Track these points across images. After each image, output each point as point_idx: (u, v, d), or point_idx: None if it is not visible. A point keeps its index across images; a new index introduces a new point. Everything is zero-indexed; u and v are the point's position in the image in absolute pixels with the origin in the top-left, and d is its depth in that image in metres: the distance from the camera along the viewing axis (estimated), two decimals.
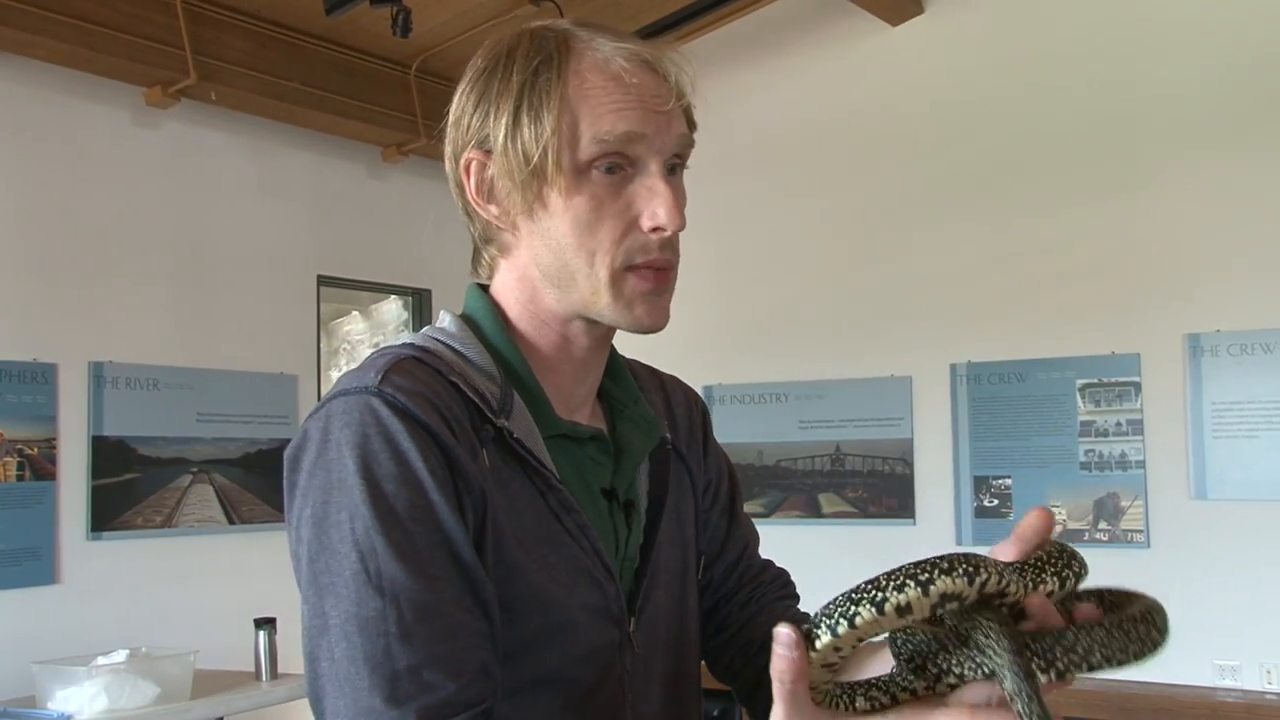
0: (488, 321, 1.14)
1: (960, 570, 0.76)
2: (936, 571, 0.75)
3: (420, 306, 5.84)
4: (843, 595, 0.79)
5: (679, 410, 1.32)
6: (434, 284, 5.75)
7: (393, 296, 6.00)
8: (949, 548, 4.95)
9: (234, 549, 4.78)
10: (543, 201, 1.08)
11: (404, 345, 1.09)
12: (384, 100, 5.25)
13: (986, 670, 0.78)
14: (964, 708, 0.80)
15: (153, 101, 4.59)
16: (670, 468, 1.24)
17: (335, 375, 6.07)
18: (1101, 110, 4.79)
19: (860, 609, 0.77)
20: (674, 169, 1.09)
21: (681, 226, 1.07)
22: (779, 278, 5.49)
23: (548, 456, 1.08)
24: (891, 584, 0.76)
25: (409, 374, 1.01)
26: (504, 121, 1.08)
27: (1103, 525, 4.71)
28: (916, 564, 0.76)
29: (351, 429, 0.97)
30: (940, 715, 0.80)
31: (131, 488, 4.52)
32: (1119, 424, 4.71)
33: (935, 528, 5.06)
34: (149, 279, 4.66)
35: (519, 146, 1.07)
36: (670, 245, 1.08)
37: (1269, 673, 4.36)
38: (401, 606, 0.92)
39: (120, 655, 3.67)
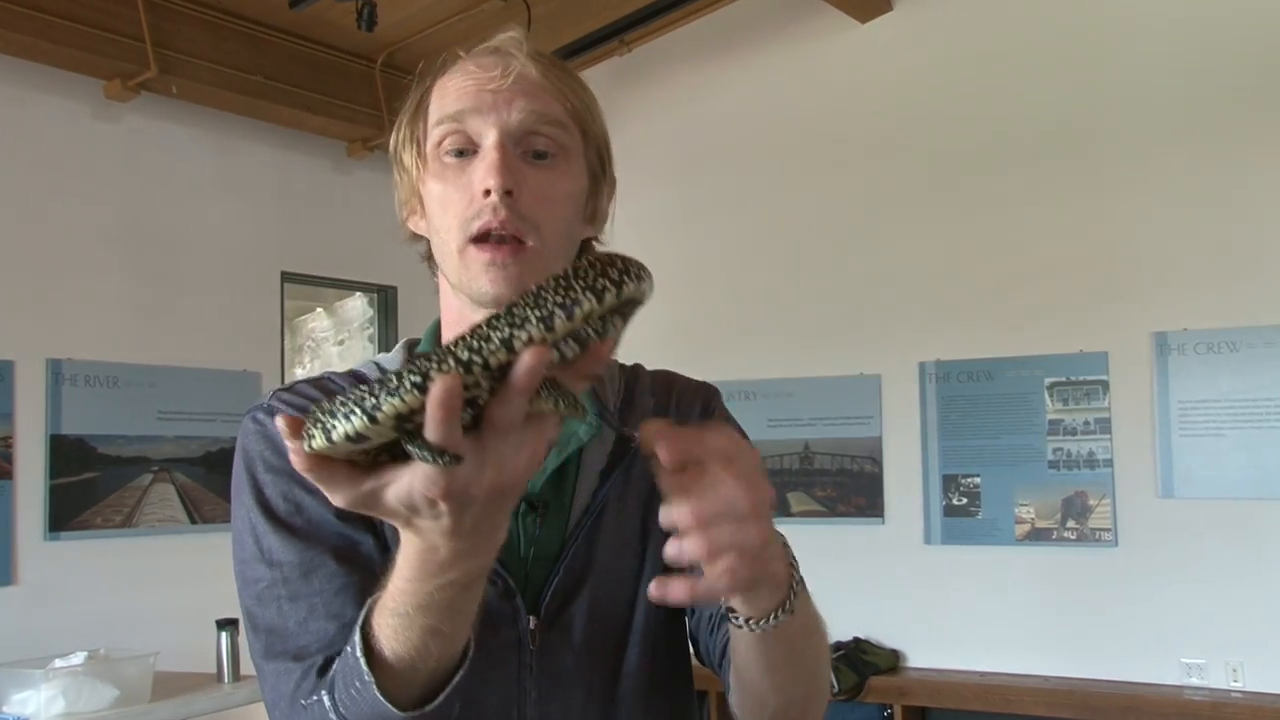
0: (425, 338, 1.27)
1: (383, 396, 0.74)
2: (384, 395, 0.74)
3: (386, 303, 5.79)
4: (329, 403, 0.77)
5: (675, 410, 1.32)
6: (399, 281, 5.69)
7: (358, 293, 5.95)
8: (918, 547, 5.00)
9: (195, 549, 4.71)
10: (419, 196, 1.19)
11: (334, 372, 1.24)
12: (349, 95, 5.20)
13: None
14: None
15: (112, 95, 4.52)
16: (629, 468, 1.23)
17: (299, 373, 6.02)
18: (1069, 108, 4.80)
19: (315, 430, 0.77)
20: (541, 154, 1.14)
21: (503, 187, 1.09)
22: (746, 276, 5.47)
23: None
24: (340, 410, 0.75)
25: (296, 391, 1.19)
26: (392, 136, 1.22)
27: (1070, 524, 4.72)
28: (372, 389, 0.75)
29: (244, 438, 1.16)
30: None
31: (90, 487, 4.45)
32: (1087, 423, 4.72)
33: (904, 526, 5.06)
34: (109, 275, 4.59)
35: (395, 151, 1.21)
36: (513, 211, 1.10)
37: (1234, 671, 4.38)
38: (285, 571, 1.08)
39: (78, 657, 3.59)
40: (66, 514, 4.37)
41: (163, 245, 4.79)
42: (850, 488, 5.19)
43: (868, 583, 5.10)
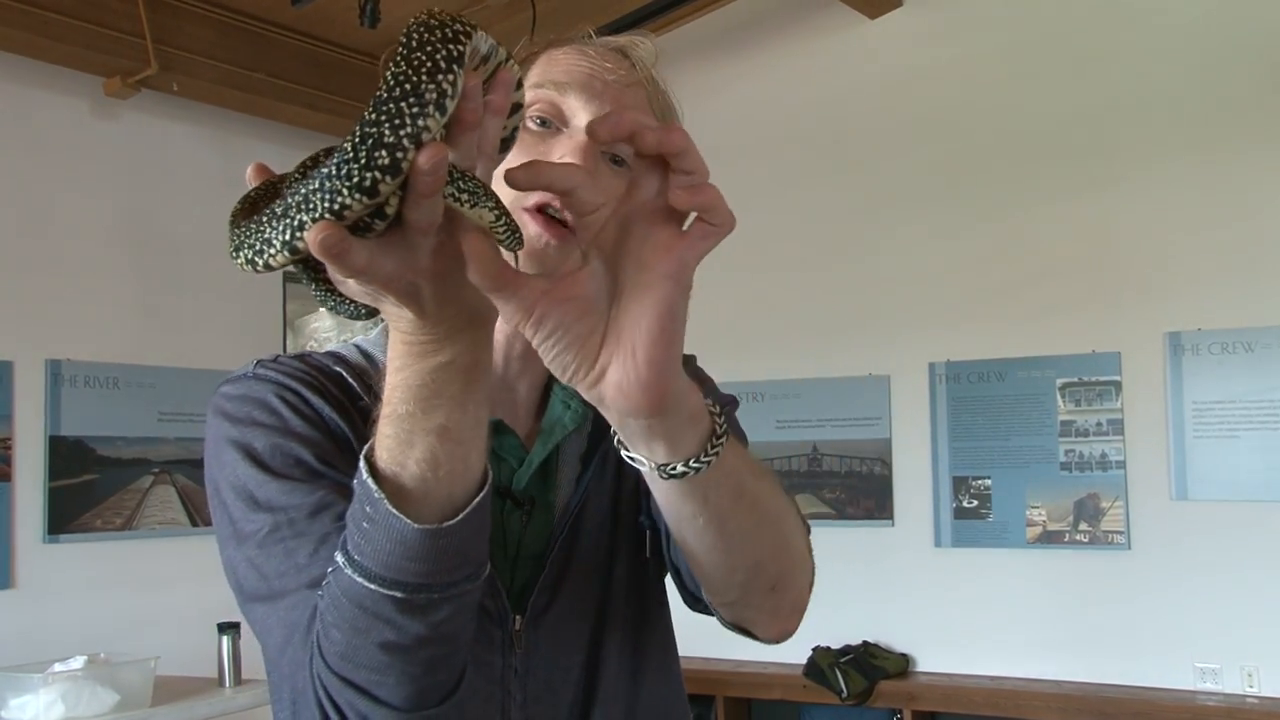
0: None
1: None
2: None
3: None
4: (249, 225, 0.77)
5: None
6: None
7: None
8: (928, 550, 4.93)
9: (196, 552, 4.66)
10: None
11: (316, 352, 1.20)
12: (351, 92, 5.15)
13: None
14: None
15: (112, 92, 4.49)
16: (606, 452, 1.20)
17: None
18: (1081, 106, 4.75)
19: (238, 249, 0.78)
20: (619, 161, 1.10)
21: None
22: (754, 275, 5.42)
23: None
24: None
25: (282, 361, 1.14)
26: None
27: (1083, 526, 4.67)
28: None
29: (225, 403, 1.10)
30: None
31: (90, 489, 4.42)
32: (1099, 424, 4.67)
33: (914, 529, 5.01)
34: (109, 274, 4.56)
35: None
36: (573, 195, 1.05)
37: (1249, 675, 4.33)
38: (290, 514, 1.00)
39: (78, 662, 3.56)
40: (66, 516, 4.34)
41: (164, 244, 4.75)
42: (859, 490, 5.14)
43: (877, 586, 5.06)
